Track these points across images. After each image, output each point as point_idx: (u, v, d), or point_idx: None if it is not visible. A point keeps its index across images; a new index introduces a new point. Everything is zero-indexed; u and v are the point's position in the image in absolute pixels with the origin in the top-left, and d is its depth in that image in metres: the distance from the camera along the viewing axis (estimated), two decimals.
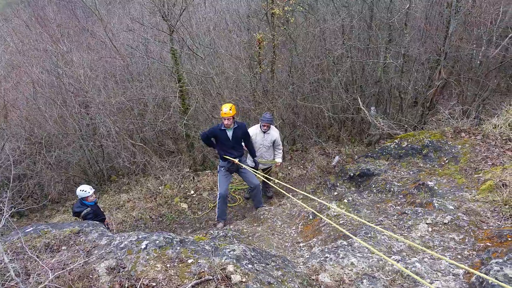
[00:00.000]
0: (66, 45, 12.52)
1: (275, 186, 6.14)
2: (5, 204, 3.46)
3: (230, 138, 6.41)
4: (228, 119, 6.20)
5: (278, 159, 7.59)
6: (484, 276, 2.76)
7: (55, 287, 3.02)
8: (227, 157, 6.50)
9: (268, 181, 6.26)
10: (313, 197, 4.56)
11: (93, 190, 6.40)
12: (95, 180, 11.39)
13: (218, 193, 6.77)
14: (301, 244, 5.14)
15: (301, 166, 9.80)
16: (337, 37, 10.78)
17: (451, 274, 3.48)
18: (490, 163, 5.67)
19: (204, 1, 14.28)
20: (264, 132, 7.28)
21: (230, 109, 6.16)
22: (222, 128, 6.35)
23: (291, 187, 5.24)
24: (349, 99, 10.30)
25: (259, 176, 6.63)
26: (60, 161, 11.31)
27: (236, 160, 6.49)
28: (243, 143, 6.79)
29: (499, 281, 2.88)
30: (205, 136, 6.57)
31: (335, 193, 6.90)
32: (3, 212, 3.49)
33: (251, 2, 12.35)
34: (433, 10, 11.83)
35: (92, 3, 12.52)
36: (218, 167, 6.92)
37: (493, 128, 6.49)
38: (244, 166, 6.61)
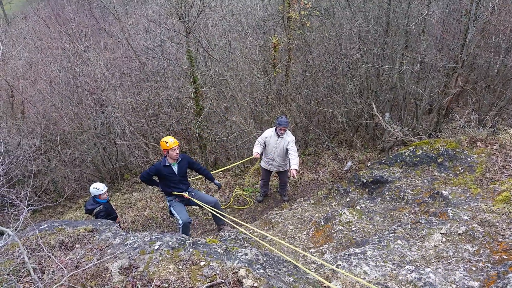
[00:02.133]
0: (83, 44, 12.71)
1: (228, 222, 5.78)
2: (24, 200, 3.52)
3: (177, 173, 6.04)
4: (177, 148, 5.86)
5: (294, 165, 6.83)
6: None
7: (69, 285, 3.05)
8: (176, 193, 6.14)
9: (220, 216, 5.97)
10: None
11: (106, 188, 6.47)
12: (108, 178, 11.52)
13: (179, 222, 6.05)
14: (312, 250, 5.12)
15: (313, 171, 9.76)
16: (353, 42, 10.74)
17: (466, 286, 3.43)
18: (507, 174, 5.58)
19: (221, 4, 14.37)
20: (279, 136, 7.21)
21: (174, 139, 5.88)
22: (167, 164, 5.96)
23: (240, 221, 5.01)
24: (363, 105, 10.24)
25: (209, 209, 6.17)
26: (74, 159, 11.47)
27: (186, 194, 6.13)
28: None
29: None
30: (146, 176, 6.07)
31: (348, 199, 6.86)
32: (21, 208, 3.55)
33: (267, 5, 12.37)
34: (450, 17, 11.74)
35: (110, 3, 12.69)
36: (167, 201, 6.41)
37: (510, 138, 6.38)
38: (194, 200, 6.15)
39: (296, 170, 6.81)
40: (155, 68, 12.12)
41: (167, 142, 5.81)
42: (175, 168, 6.04)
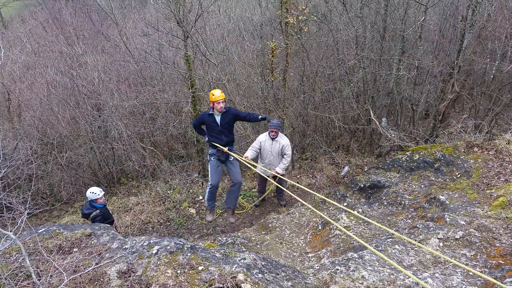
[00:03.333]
0: (81, 47, 12.71)
1: (287, 191, 5.78)
2: (25, 203, 3.50)
3: (219, 123, 6.26)
4: (222, 101, 6.09)
5: (277, 168, 7.17)
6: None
7: None
8: (216, 144, 6.34)
9: (279, 186, 6.11)
10: (340, 206, 4.55)
11: (103, 192, 6.45)
12: (105, 182, 11.47)
13: (208, 184, 6.53)
14: (310, 255, 5.12)
15: (310, 175, 9.78)
16: (350, 47, 10.80)
17: None
18: (503, 179, 5.61)
19: (219, 8, 14.41)
20: (273, 139, 7.20)
21: (221, 92, 6.12)
22: (210, 113, 6.24)
23: (306, 191, 5.20)
24: (360, 110, 10.28)
25: (273, 182, 6.58)
26: (71, 162, 11.42)
27: (226, 149, 6.33)
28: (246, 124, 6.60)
29: None
30: (196, 123, 6.57)
31: (345, 204, 6.87)
32: (18, 212, 3.53)
33: (265, 10, 12.43)
34: (447, 23, 11.82)
35: (108, 6, 12.70)
36: (208, 155, 6.71)
37: (506, 143, 6.42)
38: (233, 155, 6.39)
39: (278, 173, 7.06)
40: (153, 72, 12.12)
41: (213, 95, 6.07)
42: (217, 118, 6.25)
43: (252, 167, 6.42)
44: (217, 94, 6.05)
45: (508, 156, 6.14)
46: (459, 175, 6.16)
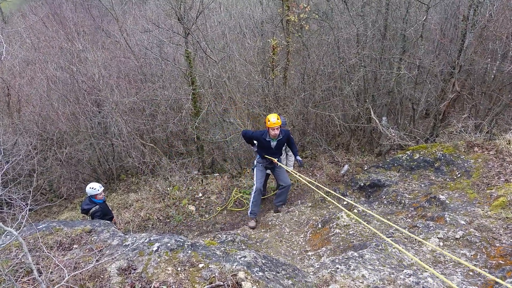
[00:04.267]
0: (81, 43, 12.67)
1: (309, 185, 5.74)
2: (27, 199, 3.50)
3: (273, 148, 6.55)
4: (276, 129, 6.23)
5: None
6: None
7: (67, 286, 3.04)
8: (267, 156, 6.63)
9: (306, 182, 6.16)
10: (353, 203, 4.54)
11: (102, 188, 6.45)
12: (104, 178, 11.46)
13: (254, 187, 6.81)
14: (310, 253, 5.13)
15: (310, 174, 9.77)
16: (351, 46, 10.78)
17: None
18: (503, 179, 5.62)
19: (220, 5, 14.37)
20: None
21: (277, 119, 6.19)
22: (268, 139, 6.42)
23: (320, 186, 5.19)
24: (361, 108, 10.27)
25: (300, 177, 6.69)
26: (70, 158, 11.40)
27: (275, 160, 6.62)
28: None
29: None
30: (248, 136, 6.73)
31: (345, 203, 6.87)
32: (18, 207, 3.52)
33: (266, 8, 12.39)
34: (448, 23, 11.81)
35: (108, 2, 12.66)
36: (255, 162, 7.00)
37: (507, 143, 6.43)
38: (280, 164, 6.72)
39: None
40: (153, 68, 12.09)
41: (269, 121, 6.20)
42: (273, 143, 6.51)
43: (301, 179, 6.47)
44: (272, 120, 6.15)
45: (508, 156, 6.14)
46: (459, 175, 6.17)
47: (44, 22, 17.87)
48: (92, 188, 6.30)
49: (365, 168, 8.83)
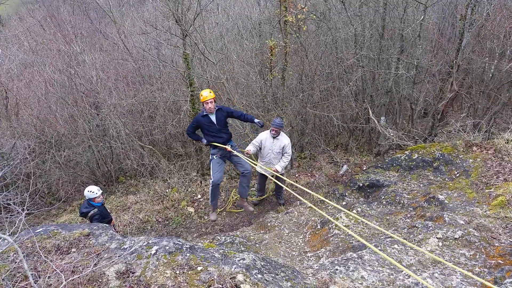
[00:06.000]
0: (79, 45, 12.65)
1: (287, 189, 5.68)
2: (20, 204, 3.48)
3: (215, 122, 6.40)
4: (210, 102, 6.19)
5: (277, 166, 7.16)
6: None
7: None
8: (218, 144, 6.49)
9: (279, 183, 6.14)
10: (339, 206, 4.53)
11: (101, 191, 6.43)
12: (103, 180, 11.44)
13: (210, 181, 6.62)
14: (309, 254, 5.12)
15: (309, 174, 9.76)
16: (349, 46, 10.79)
17: None
18: (502, 179, 5.62)
19: (218, 7, 14.37)
20: (274, 138, 7.15)
21: (210, 92, 6.22)
22: (204, 114, 6.35)
23: (305, 191, 5.19)
24: (359, 108, 10.28)
25: (273, 180, 6.63)
26: (69, 161, 11.39)
27: (228, 147, 6.50)
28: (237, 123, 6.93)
29: None
30: (190, 129, 6.63)
31: (344, 203, 6.87)
32: (16, 212, 3.51)
33: (264, 8, 12.39)
34: (446, 22, 11.83)
35: (106, 4, 12.65)
36: (210, 155, 6.83)
37: (505, 143, 6.43)
38: (235, 153, 6.56)
39: (277, 171, 7.10)
40: (151, 70, 12.08)
41: (201, 95, 6.21)
42: (213, 118, 6.39)
43: (252, 164, 6.46)
44: (205, 94, 6.17)
45: (507, 155, 6.14)
46: (458, 174, 6.17)
47: (41, 25, 17.86)
48: (90, 191, 6.27)
49: (364, 168, 8.83)
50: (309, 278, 3.72)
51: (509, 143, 6.40)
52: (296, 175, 9.73)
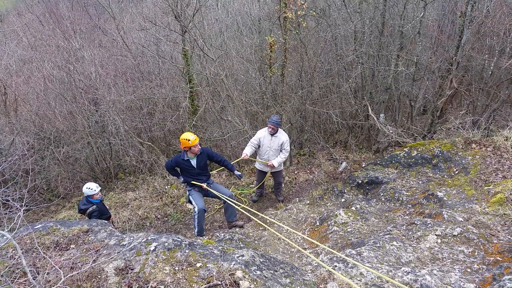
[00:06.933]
0: (78, 41, 12.62)
1: (242, 210, 5.70)
2: (19, 200, 3.48)
3: (195, 166, 6.19)
4: (195, 146, 5.96)
5: (274, 161, 7.13)
6: None
7: (63, 287, 3.02)
8: (195, 182, 6.26)
9: (236, 206, 6.03)
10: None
11: (99, 188, 6.42)
12: (102, 177, 11.44)
13: (195, 209, 6.22)
14: (308, 251, 5.12)
15: (308, 171, 9.77)
16: (348, 42, 10.77)
17: None
18: (501, 176, 5.62)
19: (217, 3, 14.33)
20: (272, 135, 7.15)
21: (194, 134, 5.99)
22: (186, 158, 6.12)
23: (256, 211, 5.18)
24: (358, 105, 10.27)
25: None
26: (68, 157, 11.38)
27: (204, 185, 6.25)
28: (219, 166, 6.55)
29: None
30: (169, 166, 6.39)
31: (343, 200, 6.87)
32: (15, 208, 3.50)
33: (263, 5, 12.36)
34: (445, 19, 11.81)
35: (105, 0, 12.61)
36: (187, 190, 6.54)
37: (504, 140, 6.43)
38: (212, 191, 6.27)
39: (273, 165, 7.11)
40: (150, 66, 12.07)
41: (189, 140, 5.87)
42: (193, 162, 6.17)
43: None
44: (192, 138, 5.88)
45: (506, 152, 6.15)
46: (457, 172, 6.17)
47: (40, 21, 17.81)
48: (89, 188, 6.27)
49: (363, 165, 8.83)
50: (308, 275, 3.72)
51: (508, 140, 6.40)
52: (295, 172, 9.73)
